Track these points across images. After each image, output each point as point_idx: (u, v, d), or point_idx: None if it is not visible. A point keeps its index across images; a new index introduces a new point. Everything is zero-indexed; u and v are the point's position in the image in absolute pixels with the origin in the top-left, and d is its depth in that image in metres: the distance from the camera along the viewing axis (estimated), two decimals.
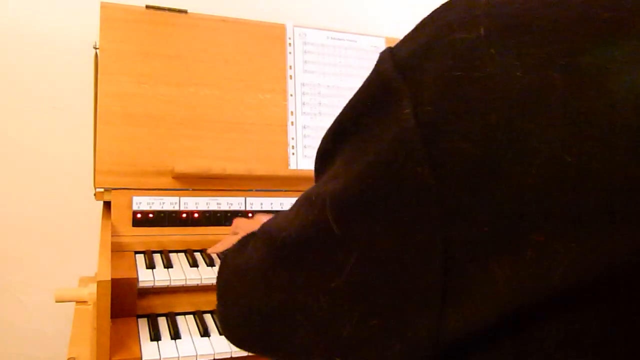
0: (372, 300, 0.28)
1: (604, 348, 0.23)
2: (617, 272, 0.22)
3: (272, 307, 0.35)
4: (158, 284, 0.81)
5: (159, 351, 0.72)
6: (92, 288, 0.75)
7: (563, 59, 0.23)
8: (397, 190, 0.26)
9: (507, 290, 0.24)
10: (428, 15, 0.29)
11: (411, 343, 0.27)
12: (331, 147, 0.33)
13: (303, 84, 1.11)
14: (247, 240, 0.44)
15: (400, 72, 0.27)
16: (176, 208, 0.96)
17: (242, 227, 0.80)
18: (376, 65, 0.29)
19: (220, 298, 0.45)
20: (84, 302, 0.83)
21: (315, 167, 0.36)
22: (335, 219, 0.29)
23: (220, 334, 0.77)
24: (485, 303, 0.24)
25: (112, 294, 0.68)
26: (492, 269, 0.24)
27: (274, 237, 0.36)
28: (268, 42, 1.09)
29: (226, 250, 0.46)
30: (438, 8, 0.29)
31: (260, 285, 0.37)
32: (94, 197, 0.96)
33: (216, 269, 0.87)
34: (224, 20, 1.07)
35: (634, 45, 0.22)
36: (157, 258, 0.89)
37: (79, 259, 1.33)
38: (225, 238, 0.85)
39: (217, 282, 0.46)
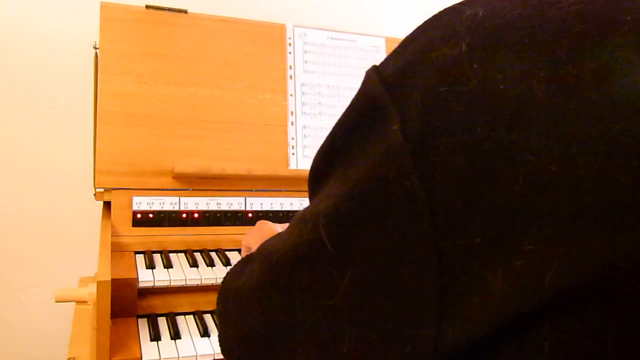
0: (370, 315, 0.28)
1: (597, 352, 0.23)
2: (606, 276, 0.22)
3: (270, 328, 0.36)
4: (158, 284, 0.81)
5: (159, 351, 0.72)
6: (92, 288, 0.75)
7: (543, 70, 0.24)
8: (389, 205, 0.27)
9: (501, 298, 0.24)
10: (411, 33, 0.30)
11: (411, 356, 0.27)
12: (323, 168, 0.33)
13: (303, 84, 1.11)
14: (245, 262, 0.44)
15: (387, 89, 0.28)
16: (176, 208, 0.96)
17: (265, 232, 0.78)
18: (363, 84, 0.30)
19: (219, 322, 0.45)
20: (84, 302, 0.83)
21: (308, 188, 0.36)
22: (329, 236, 0.30)
23: None
24: (481, 313, 0.25)
25: (112, 294, 0.68)
26: (486, 279, 0.24)
27: (269, 258, 0.37)
28: (268, 42, 1.09)
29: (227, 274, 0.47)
30: (420, 25, 0.29)
31: (257, 306, 0.37)
32: (94, 197, 0.96)
33: (216, 269, 0.87)
34: (224, 20, 1.07)
35: (607, 55, 0.23)
36: (157, 258, 0.89)
37: (79, 259, 1.33)
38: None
39: (216, 306, 0.46)
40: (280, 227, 0.65)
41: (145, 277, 0.81)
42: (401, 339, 0.27)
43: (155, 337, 0.75)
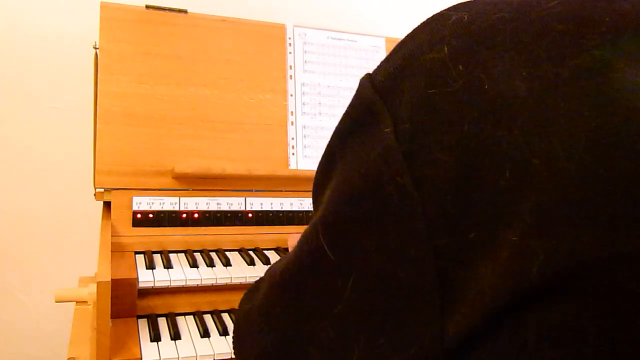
0: (375, 320, 0.29)
1: (580, 341, 0.24)
2: (588, 267, 0.23)
3: (280, 346, 0.36)
4: (158, 284, 0.81)
5: (159, 352, 0.71)
6: (92, 288, 0.75)
7: (525, 69, 0.25)
8: (384, 207, 0.27)
9: (490, 290, 0.25)
10: (402, 40, 0.31)
11: (420, 355, 0.27)
12: (323, 177, 0.34)
13: (303, 84, 1.11)
14: (255, 286, 0.45)
15: (379, 94, 0.29)
16: (176, 208, 0.96)
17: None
18: (357, 91, 0.31)
19: (234, 348, 0.45)
20: (84, 302, 0.83)
21: (312, 200, 0.37)
22: (328, 243, 0.30)
23: (220, 335, 0.77)
24: (475, 306, 0.25)
25: (112, 294, 0.68)
26: (479, 272, 0.25)
27: (275, 275, 0.37)
28: (268, 42, 1.09)
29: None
30: (410, 32, 0.31)
31: (265, 325, 0.38)
32: (94, 197, 0.96)
33: (216, 269, 0.87)
34: (224, 20, 1.07)
35: (585, 54, 0.24)
36: (157, 258, 0.89)
37: (79, 259, 1.33)
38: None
39: (233, 332, 0.47)
40: None
41: (145, 278, 0.80)
42: (408, 340, 0.28)
43: (155, 337, 0.75)
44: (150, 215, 0.94)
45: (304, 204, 1.06)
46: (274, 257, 0.95)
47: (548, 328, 0.24)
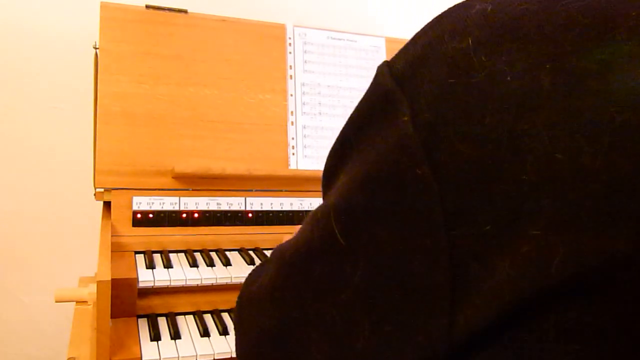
0: (383, 307, 0.28)
1: (600, 339, 0.23)
2: (610, 264, 0.23)
3: (283, 327, 0.36)
4: (158, 284, 0.81)
5: (159, 351, 0.72)
6: (92, 288, 0.75)
7: (550, 62, 0.24)
8: (400, 195, 0.27)
9: (508, 285, 0.24)
10: (421, 29, 0.31)
11: (426, 345, 0.27)
12: (334, 165, 0.34)
13: (303, 84, 1.11)
14: (261, 267, 0.44)
15: (398, 82, 0.29)
16: (176, 208, 0.96)
17: None
18: (374, 78, 0.31)
19: (235, 327, 0.45)
20: (84, 302, 0.83)
21: (322, 185, 0.36)
22: (340, 229, 0.30)
23: (220, 334, 0.77)
24: (490, 300, 0.25)
25: (112, 294, 0.68)
26: (495, 266, 0.25)
27: (282, 257, 0.37)
28: (268, 42, 1.09)
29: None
30: (430, 21, 0.30)
31: (270, 306, 0.38)
32: (94, 197, 0.96)
33: (216, 269, 0.87)
34: (224, 20, 1.07)
35: (612, 48, 0.24)
36: (157, 258, 0.89)
37: (79, 259, 1.33)
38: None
39: (234, 311, 0.47)
40: None
41: (145, 277, 0.81)
42: (415, 330, 0.27)
43: (155, 337, 0.75)
44: (150, 215, 0.94)
45: (304, 203, 1.06)
46: None
47: (567, 327, 0.24)
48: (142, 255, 0.90)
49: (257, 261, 0.92)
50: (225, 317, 0.83)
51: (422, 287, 0.27)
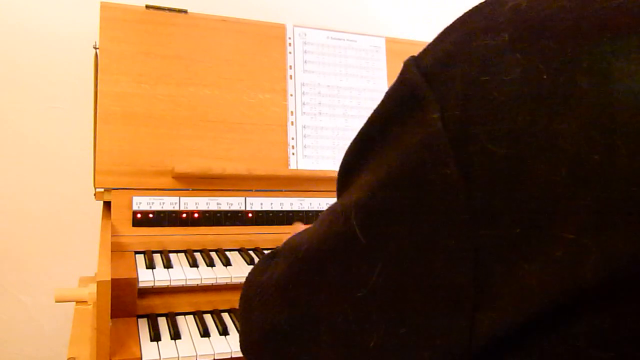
0: (401, 308, 0.28)
1: (631, 347, 0.23)
2: None
3: (294, 324, 0.35)
4: (158, 284, 0.81)
5: (159, 351, 0.72)
6: (92, 288, 0.75)
7: (587, 62, 0.24)
8: (425, 194, 0.26)
9: (539, 289, 0.24)
10: (450, 24, 0.30)
11: (443, 350, 0.27)
12: (356, 160, 0.33)
13: (303, 84, 1.11)
14: (269, 258, 0.43)
15: (426, 78, 0.28)
16: (176, 208, 0.96)
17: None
18: (400, 74, 0.30)
19: (240, 320, 0.44)
20: (84, 302, 0.83)
21: (337, 182, 0.35)
22: (361, 227, 0.29)
23: (220, 334, 0.77)
24: (517, 304, 0.24)
25: (112, 294, 0.68)
26: (524, 269, 0.24)
27: (295, 251, 0.36)
28: (268, 42, 1.09)
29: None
30: (460, 17, 0.29)
31: (281, 301, 0.37)
32: (94, 197, 0.96)
33: (216, 269, 0.87)
34: (224, 20, 1.07)
35: None
36: (157, 258, 0.89)
37: (79, 259, 1.33)
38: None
39: (239, 302, 0.45)
40: None
41: (145, 277, 0.80)
42: (433, 332, 0.27)
43: (155, 337, 0.75)
44: (150, 215, 0.94)
45: (304, 203, 1.06)
46: None
47: (601, 332, 0.23)
48: (142, 255, 0.90)
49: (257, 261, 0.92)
50: (226, 317, 0.83)
51: (444, 288, 0.26)
